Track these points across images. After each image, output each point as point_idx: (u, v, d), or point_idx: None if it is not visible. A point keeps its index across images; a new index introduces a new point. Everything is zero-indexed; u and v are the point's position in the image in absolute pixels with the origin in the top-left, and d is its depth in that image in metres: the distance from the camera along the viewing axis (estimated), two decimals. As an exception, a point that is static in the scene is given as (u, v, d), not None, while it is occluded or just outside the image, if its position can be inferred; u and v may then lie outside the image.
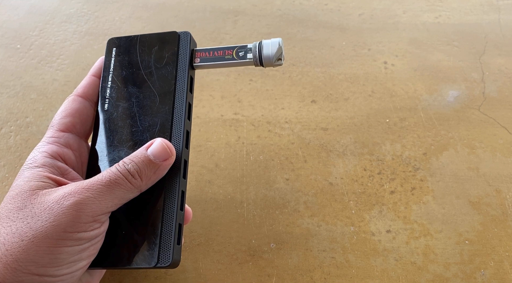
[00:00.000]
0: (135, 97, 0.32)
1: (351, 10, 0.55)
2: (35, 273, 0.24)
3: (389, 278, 0.33)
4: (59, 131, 0.30)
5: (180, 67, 0.32)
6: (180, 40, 0.33)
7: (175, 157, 0.29)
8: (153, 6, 0.55)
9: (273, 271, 0.34)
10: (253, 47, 0.32)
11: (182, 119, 0.30)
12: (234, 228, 0.36)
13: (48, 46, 0.51)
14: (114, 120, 0.31)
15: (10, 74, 0.48)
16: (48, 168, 0.28)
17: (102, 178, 0.26)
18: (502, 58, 0.49)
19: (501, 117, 0.44)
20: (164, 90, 0.31)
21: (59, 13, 0.54)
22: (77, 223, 0.25)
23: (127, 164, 0.27)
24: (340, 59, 0.49)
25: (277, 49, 0.31)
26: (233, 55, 0.32)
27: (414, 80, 0.47)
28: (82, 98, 0.32)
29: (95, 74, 0.33)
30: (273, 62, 0.32)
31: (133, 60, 0.33)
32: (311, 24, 0.53)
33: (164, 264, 0.27)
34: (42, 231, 0.24)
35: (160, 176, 0.28)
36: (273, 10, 0.54)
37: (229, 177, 0.39)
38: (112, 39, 0.34)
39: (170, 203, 0.28)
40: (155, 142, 0.28)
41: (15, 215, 0.25)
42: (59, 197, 0.25)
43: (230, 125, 0.43)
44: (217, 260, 0.35)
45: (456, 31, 0.52)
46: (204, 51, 0.33)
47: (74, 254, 0.25)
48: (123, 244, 0.28)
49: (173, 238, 0.27)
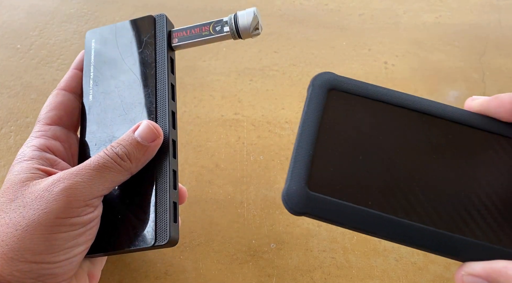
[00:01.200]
0: (118, 85, 0.32)
1: (352, 10, 0.55)
2: (32, 261, 0.24)
3: (389, 278, 0.33)
4: (46, 125, 0.30)
5: (159, 49, 0.32)
6: (156, 23, 0.32)
7: (162, 137, 0.29)
8: (153, 6, 0.55)
9: (273, 271, 0.34)
10: (229, 20, 0.31)
11: (165, 100, 0.30)
12: (234, 228, 0.36)
13: (48, 46, 0.51)
14: (100, 109, 0.31)
15: (10, 74, 0.48)
16: (37, 160, 0.28)
17: (90, 162, 0.27)
18: (503, 58, 0.49)
19: (502, 118, 0.43)
20: (145, 74, 0.31)
21: (59, 13, 0.54)
22: (68, 208, 0.25)
23: (115, 147, 0.27)
24: (340, 59, 0.49)
25: (253, 18, 0.31)
26: (210, 30, 0.32)
27: (415, 81, 0.47)
28: (65, 91, 0.32)
29: (76, 67, 0.33)
30: (251, 33, 0.31)
31: (112, 49, 0.33)
32: (311, 24, 0.53)
33: (162, 242, 0.27)
34: (35, 219, 0.24)
35: (149, 157, 0.28)
36: (274, 10, 0.54)
37: (229, 177, 0.39)
38: (90, 31, 0.34)
39: (162, 182, 0.28)
40: (141, 124, 0.28)
41: (8, 207, 0.25)
42: (48, 184, 0.25)
43: (230, 125, 0.43)
44: (217, 260, 0.35)
45: (457, 31, 0.52)
46: (181, 31, 0.32)
47: (70, 239, 0.25)
48: (120, 228, 0.28)
49: (169, 216, 0.27)
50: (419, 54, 0.50)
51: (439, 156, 0.23)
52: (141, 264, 0.34)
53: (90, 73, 0.33)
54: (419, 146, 0.23)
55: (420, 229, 0.21)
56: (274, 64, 0.48)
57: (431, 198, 0.22)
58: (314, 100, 0.24)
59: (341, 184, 0.22)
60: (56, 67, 0.49)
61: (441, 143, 0.24)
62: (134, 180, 0.29)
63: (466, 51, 0.50)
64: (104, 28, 0.34)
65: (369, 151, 0.23)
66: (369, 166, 0.23)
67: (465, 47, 0.50)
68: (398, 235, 0.22)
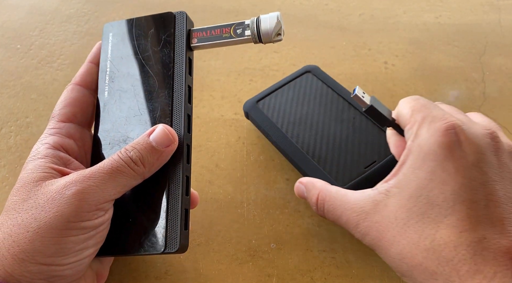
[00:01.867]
0: (134, 83, 0.31)
1: (352, 10, 0.55)
2: (43, 263, 0.24)
3: (389, 278, 0.33)
4: (60, 122, 0.30)
5: (177, 49, 0.31)
6: (176, 21, 0.31)
7: (177, 142, 0.28)
8: (153, 6, 0.55)
9: (273, 271, 0.34)
10: (251, 23, 0.30)
11: (182, 103, 0.30)
12: (234, 228, 0.36)
13: (48, 46, 0.51)
14: (115, 107, 0.31)
15: (10, 74, 0.48)
16: (50, 158, 0.28)
17: (104, 165, 0.26)
18: (503, 58, 0.49)
19: (502, 117, 0.44)
20: (163, 74, 0.30)
21: (59, 13, 0.54)
22: (80, 212, 0.25)
23: (129, 151, 0.27)
24: (340, 59, 0.49)
25: (276, 23, 0.30)
26: (231, 33, 0.31)
27: (415, 80, 0.47)
28: (80, 87, 0.31)
29: (92, 61, 0.33)
30: (272, 38, 0.30)
31: (130, 45, 0.32)
32: (311, 24, 0.53)
33: (172, 250, 0.27)
34: (46, 221, 0.24)
35: (163, 162, 0.28)
36: (273, 10, 0.54)
37: (229, 177, 0.39)
38: (108, 24, 0.33)
39: (175, 188, 0.28)
40: (157, 128, 0.28)
41: (20, 206, 0.26)
42: (61, 186, 0.25)
43: (230, 125, 0.43)
44: (217, 260, 0.35)
45: (457, 31, 0.52)
46: (201, 31, 0.31)
47: (80, 242, 0.25)
48: (130, 231, 0.28)
49: (180, 223, 0.27)
50: (419, 54, 0.50)
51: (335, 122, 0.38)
52: (141, 264, 0.34)
53: (107, 68, 0.32)
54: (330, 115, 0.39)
55: (302, 154, 0.36)
56: (274, 64, 0.48)
57: (317, 142, 0.37)
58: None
59: (274, 109, 0.40)
60: (56, 67, 0.49)
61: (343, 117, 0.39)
62: (147, 184, 0.28)
63: (466, 51, 0.50)
64: (122, 22, 0.33)
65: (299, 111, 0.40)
66: (296, 113, 0.39)
67: (465, 47, 0.50)
68: (288, 153, 0.37)
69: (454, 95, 0.46)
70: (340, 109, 0.39)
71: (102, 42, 0.33)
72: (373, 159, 0.35)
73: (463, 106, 0.45)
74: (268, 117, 0.39)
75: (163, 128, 0.28)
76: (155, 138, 0.28)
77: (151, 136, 0.28)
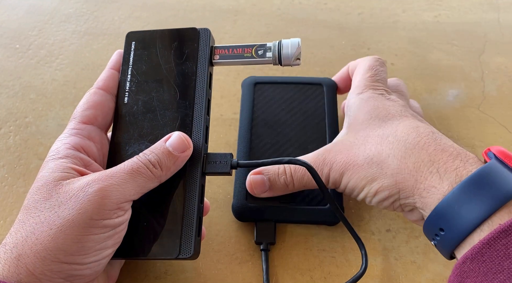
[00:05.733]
0: (155, 92, 0.32)
1: (351, 9, 0.55)
2: (64, 261, 0.25)
3: (389, 277, 0.33)
4: (81, 123, 0.31)
5: (200, 64, 0.32)
6: (200, 37, 0.33)
7: (192, 148, 0.30)
8: (152, 6, 0.55)
9: (273, 271, 0.34)
10: (273, 46, 0.33)
11: (202, 115, 0.31)
12: (234, 228, 0.36)
13: (47, 46, 0.51)
14: (134, 114, 0.32)
15: (9, 74, 0.48)
16: (71, 159, 0.28)
17: (124, 166, 0.27)
18: (502, 57, 0.49)
19: (501, 116, 0.44)
20: (185, 85, 0.32)
21: (58, 13, 0.54)
22: (102, 210, 0.25)
23: (148, 155, 0.28)
24: (339, 58, 0.49)
25: (297, 49, 0.32)
26: (252, 53, 0.33)
27: (414, 80, 0.47)
28: (103, 91, 0.32)
29: (113, 68, 0.34)
30: (292, 62, 0.32)
31: (152, 55, 0.33)
32: (310, 24, 0.53)
33: (185, 256, 0.28)
34: (70, 218, 0.25)
35: (178, 167, 0.29)
36: (273, 10, 0.54)
37: (228, 177, 0.39)
38: (132, 33, 0.34)
39: (191, 197, 0.29)
40: (173, 135, 0.29)
41: (42, 205, 0.26)
42: (83, 184, 0.26)
43: (229, 125, 0.43)
44: (217, 259, 0.35)
45: (456, 30, 0.52)
46: (223, 48, 0.33)
47: (100, 241, 0.26)
48: (146, 235, 0.29)
49: (194, 231, 0.28)
50: (418, 53, 0.50)
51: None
52: (141, 264, 0.34)
53: (128, 75, 0.33)
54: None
55: (248, 148, 0.38)
56: (273, 64, 0.48)
57: (269, 148, 0.38)
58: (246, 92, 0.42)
59: (264, 98, 0.41)
60: (55, 67, 0.49)
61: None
62: (163, 190, 0.29)
63: (465, 50, 0.50)
64: (146, 32, 0.34)
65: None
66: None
67: (464, 46, 0.50)
68: (240, 138, 0.39)
69: (453, 94, 0.46)
70: (315, 134, 0.38)
71: (125, 49, 0.34)
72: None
73: (462, 105, 0.45)
74: (253, 101, 0.41)
75: (179, 134, 0.29)
76: (171, 144, 0.29)
77: (168, 142, 0.29)
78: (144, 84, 0.33)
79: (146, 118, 0.32)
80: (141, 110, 0.32)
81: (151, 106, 0.32)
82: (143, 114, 0.32)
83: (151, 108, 0.32)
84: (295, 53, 0.32)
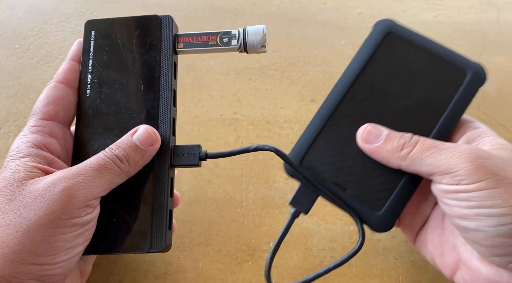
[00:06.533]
0: (118, 83, 0.31)
1: (350, 9, 0.55)
2: (34, 263, 0.24)
3: (389, 277, 0.33)
4: (42, 119, 0.30)
5: (164, 53, 0.31)
6: (163, 25, 0.32)
7: (160, 142, 0.29)
8: (152, 6, 0.55)
9: (273, 271, 0.34)
10: (238, 33, 0.32)
11: (168, 107, 0.30)
12: (234, 228, 0.36)
13: (47, 46, 0.51)
14: (98, 107, 0.31)
15: (8, 74, 0.48)
16: (33, 157, 0.28)
17: (91, 163, 0.27)
18: (501, 56, 0.49)
19: (500, 116, 0.44)
20: (149, 76, 0.31)
21: (58, 13, 0.54)
22: (70, 209, 0.25)
23: (114, 150, 0.27)
24: (339, 58, 0.49)
25: (262, 36, 0.31)
26: (217, 41, 0.32)
27: (414, 79, 0.47)
28: (63, 85, 0.31)
29: (73, 59, 0.32)
30: (258, 49, 0.32)
31: (114, 44, 0.32)
32: (310, 23, 0.53)
33: (157, 249, 0.28)
34: (36, 220, 0.24)
35: (146, 161, 0.29)
36: (272, 9, 0.54)
37: (228, 177, 0.39)
38: (91, 21, 0.33)
39: (160, 190, 0.29)
40: (140, 128, 0.29)
41: (7, 207, 0.25)
42: (48, 183, 0.25)
43: (229, 124, 0.43)
44: (217, 259, 0.35)
45: (455, 29, 0.52)
46: (187, 36, 0.32)
47: (70, 240, 0.25)
48: (116, 230, 0.28)
49: (165, 224, 0.28)
50: (418, 53, 0.50)
51: None
52: (140, 263, 0.34)
53: (89, 66, 0.32)
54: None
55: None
56: (273, 64, 0.48)
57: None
58: (371, 39, 0.34)
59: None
60: (55, 67, 0.49)
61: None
62: (131, 185, 0.29)
63: (464, 49, 0.50)
64: (105, 20, 0.33)
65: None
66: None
67: (464, 45, 0.50)
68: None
69: (453, 94, 0.46)
70: (417, 128, 0.30)
71: (84, 40, 0.32)
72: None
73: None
74: (372, 55, 0.33)
75: (146, 128, 0.29)
76: (138, 138, 0.28)
77: (135, 135, 0.28)
78: (107, 76, 0.31)
79: (110, 112, 0.30)
80: (105, 103, 0.31)
81: (115, 99, 0.31)
82: (107, 108, 0.31)
83: (115, 101, 0.31)
84: (260, 40, 0.31)
